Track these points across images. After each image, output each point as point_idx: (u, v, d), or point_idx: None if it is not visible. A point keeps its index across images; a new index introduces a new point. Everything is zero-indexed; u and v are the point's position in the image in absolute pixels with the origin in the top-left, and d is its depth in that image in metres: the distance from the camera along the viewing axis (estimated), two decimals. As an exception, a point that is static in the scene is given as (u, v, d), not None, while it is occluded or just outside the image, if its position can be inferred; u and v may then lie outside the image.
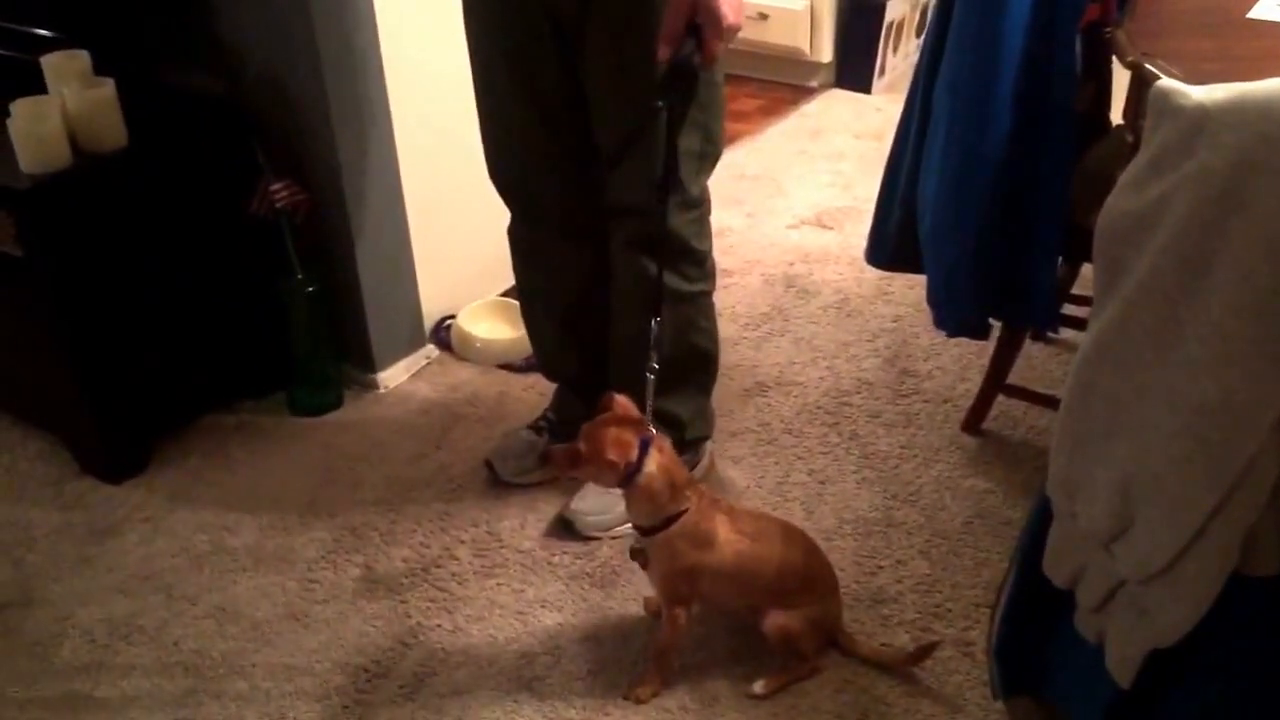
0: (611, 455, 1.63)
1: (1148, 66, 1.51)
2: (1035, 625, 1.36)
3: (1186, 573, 1.11)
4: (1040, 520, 1.29)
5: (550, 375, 2.28)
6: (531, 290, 2.15)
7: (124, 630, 1.94)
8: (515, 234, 2.09)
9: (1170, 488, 1.10)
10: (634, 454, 1.65)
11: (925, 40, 2.00)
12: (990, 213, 1.93)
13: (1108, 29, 1.88)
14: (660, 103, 1.66)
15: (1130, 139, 1.64)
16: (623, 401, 1.70)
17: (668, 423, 1.95)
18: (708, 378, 2.13)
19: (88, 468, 2.30)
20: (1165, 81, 1.11)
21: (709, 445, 2.20)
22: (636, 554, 1.75)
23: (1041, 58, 1.84)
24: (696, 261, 1.97)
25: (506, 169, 2.00)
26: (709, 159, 1.91)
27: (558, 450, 1.70)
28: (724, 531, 1.72)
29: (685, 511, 1.69)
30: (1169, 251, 1.08)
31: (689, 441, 2.11)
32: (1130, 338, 1.12)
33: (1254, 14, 1.69)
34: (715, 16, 1.57)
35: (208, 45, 2.29)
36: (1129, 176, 1.14)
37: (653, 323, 1.77)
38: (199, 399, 2.43)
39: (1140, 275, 1.10)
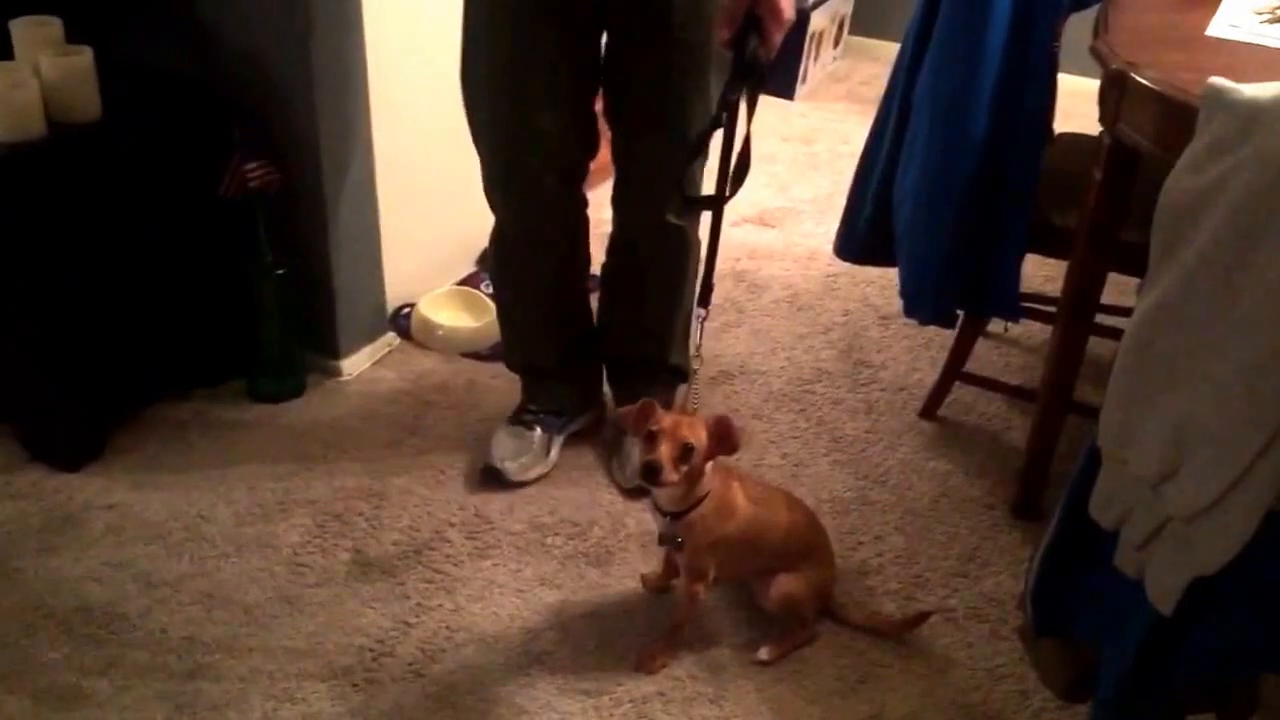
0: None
1: (1134, 76, 1.66)
2: (1070, 571, 1.47)
3: (1230, 509, 1.23)
4: (1085, 471, 1.41)
5: (524, 368, 2.27)
6: (518, 272, 2.15)
7: (103, 619, 1.87)
8: (503, 190, 2.01)
9: (1220, 433, 1.22)
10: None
11: (904, 43, 2.11)
12: (965, 209, 2.05)
13: (1056, 43, 2.06)
14: (732, 97, 1.72)
15: (1108, 141, 1.79)
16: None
17: (683, 376, 2.20)
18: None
19: (38, 455, 2.20)
20: (1218, 80, 1.25)
21: None
22: (667, 539, 1.77)
23: (1017, 64, 1.97)
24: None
25: (513, 111, 1.93)
26: None
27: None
28: (739, 499, 1.78)
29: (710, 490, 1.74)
30: (1228, 225, 1.21)
31: None
32: (1190, 300, 1.25)
33: (1210, 32, 1.87)
34: (776, 9, 1.67)
35: (184, 21, 2.23)
36: (1186, 160, 1.27)
37: (695, 320, 1.83)
38: (154, 385, 2.34)
39: (1200, 245, 1.23)
